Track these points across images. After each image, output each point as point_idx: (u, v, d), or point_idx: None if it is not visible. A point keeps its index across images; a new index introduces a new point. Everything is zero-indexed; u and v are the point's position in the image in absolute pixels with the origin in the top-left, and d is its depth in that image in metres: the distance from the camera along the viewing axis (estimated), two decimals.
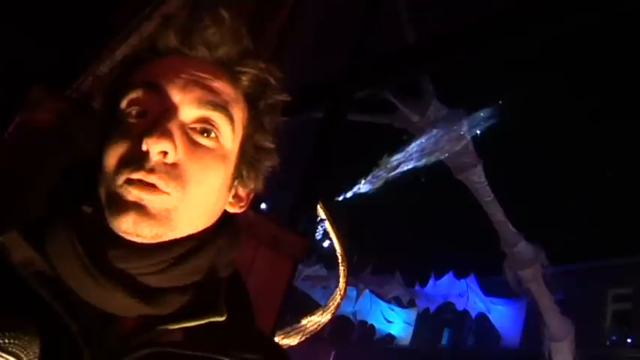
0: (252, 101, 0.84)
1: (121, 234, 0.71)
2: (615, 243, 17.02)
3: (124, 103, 0.76)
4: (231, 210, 0.85)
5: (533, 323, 16.97)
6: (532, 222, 13.79)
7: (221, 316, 0.78)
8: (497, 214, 12.88)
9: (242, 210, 0.87)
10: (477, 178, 12.32)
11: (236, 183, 0.83)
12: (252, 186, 0.86)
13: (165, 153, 0.71)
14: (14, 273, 0.71)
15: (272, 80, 0.84)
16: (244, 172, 0.84)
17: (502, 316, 18.83)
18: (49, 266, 0.72)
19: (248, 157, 0.83)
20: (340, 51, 4.31)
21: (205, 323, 0.77)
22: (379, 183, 15.78)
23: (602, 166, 19.06)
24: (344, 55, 4.10)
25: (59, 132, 1.61)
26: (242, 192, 0.86)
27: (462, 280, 18.64)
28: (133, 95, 0.76)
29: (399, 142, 14.20)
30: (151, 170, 0.70)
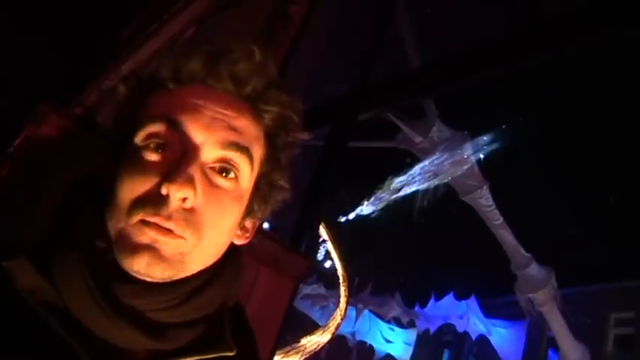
0: (271, 138, 0.81)
1: (132, 273, 0.69)
2: (618, 267, 16.93)
3: (141, 135, 0.72)
4: (238, 242, 0.83)
5: (534, 346, 16.83)
6: (534, 245, 13.66)
7: (231, 350, 0.77)
8: (506, 236, 12.68)
9: (247, 240, 0.84)
10: (484, 200, 12.18)
11: (246, 217, 0.81)
12: (259, 217, 0.84)
13: (184, 199, 0.69)
14: (18, 300, 0.68)
15: (294, 116, 0.82)
16: (255, 207, 0.81)
17: (503, 338, 18.63)
18: (57, 295, 0.69)
19: (261, 194, 0.81)
20: (344, 74, 4.33)
21: (215, 358, 0.75)
22: (382, 205, 15.71)
23: (606, 192, 19.05)
24: (347, 78, 4.11)
25: (64, 149, 1.62)
26: (248, 223, 0.83)
27: (462, 301, 18.46)
28: (153, 129, 0.72)
29: (402, 165, 14.20)
30: (169, 217, 0.68)
